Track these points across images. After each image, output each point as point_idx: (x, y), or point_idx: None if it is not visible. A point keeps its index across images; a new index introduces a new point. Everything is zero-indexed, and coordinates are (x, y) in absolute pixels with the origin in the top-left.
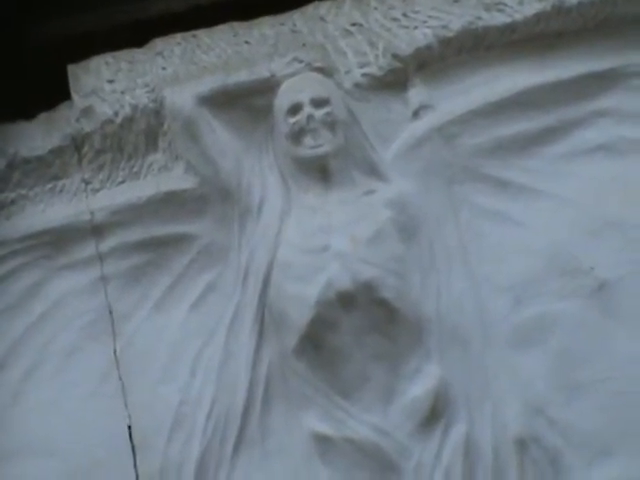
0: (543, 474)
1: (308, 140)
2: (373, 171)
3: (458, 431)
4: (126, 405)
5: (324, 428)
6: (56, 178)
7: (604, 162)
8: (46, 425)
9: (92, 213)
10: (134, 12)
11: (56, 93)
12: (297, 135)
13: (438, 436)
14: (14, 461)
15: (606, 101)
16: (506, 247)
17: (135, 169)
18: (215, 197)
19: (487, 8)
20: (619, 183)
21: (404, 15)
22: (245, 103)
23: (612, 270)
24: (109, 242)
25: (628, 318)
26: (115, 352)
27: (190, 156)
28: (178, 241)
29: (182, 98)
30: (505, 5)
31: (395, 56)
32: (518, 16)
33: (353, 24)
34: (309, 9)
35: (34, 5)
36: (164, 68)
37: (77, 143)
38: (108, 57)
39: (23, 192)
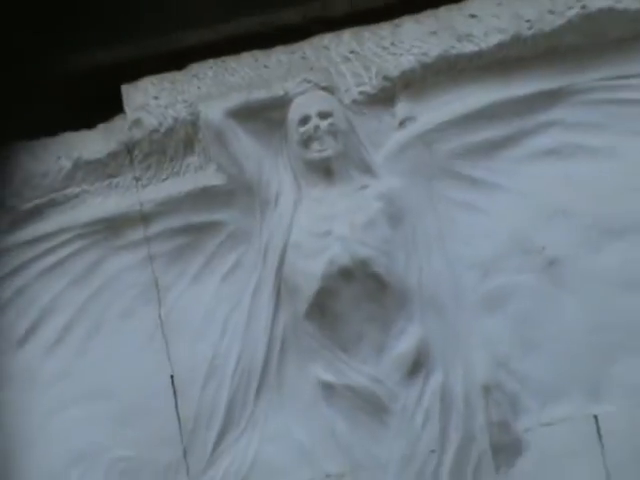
0: (504, 414)
1: (315, 146)
2: (367, 170)
3: (436, 380)
4: (169, 359)
5: (328, 377)
6: (112, 176)
7: (553, 163)
8: (105, 375)
9: (141, 204)
10: (175, 43)
11: (112, 108)
12: (306, 141)
13: (419, 384)
14: (81, 404)
15: (554, 114)
16: (474, 231)
17: (176, 169)
18: (240, 191)
19: (459, 39)
20: (565, 179)
21: (392, 44)
22: (264, 116)
23: (560, 249)
24: (155, 228)
25: (573, 288)
26: (160, 316)
27: (220, 159)
28: (210, 227)
29: (213, 112)
30: (473, 36)
31: (385, 78)
32: (484, 45)
33: (351, 52)
34: (315, 40)
35: (95, 38)
36: (199, 87)
37: (129, 148)
38: (154, 79)
39: (85, 187)
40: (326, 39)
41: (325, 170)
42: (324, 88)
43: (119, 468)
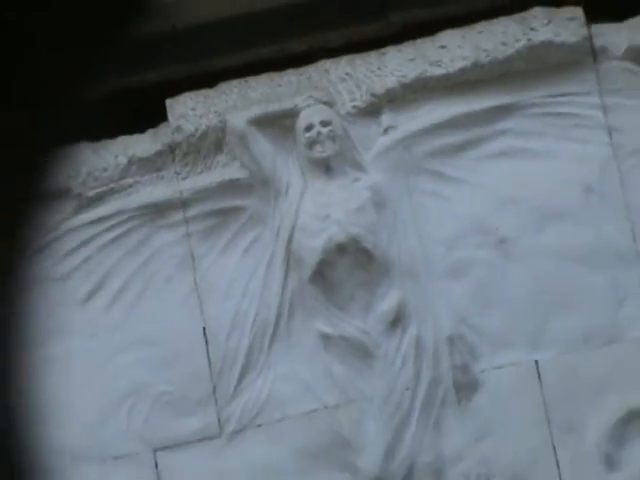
0: (465, 359)
1: (318, 147)
2: (358, 167)
3: (411, 332)
4: (201, 314)
5: (327, 329)
6: (158, 170)
7: (504, 162)
8: (150, 327)
9: (181, 193)
10: (208, 67)
11: (159, 117)
12: (311, 144)
13: (398, 335)
14: (130, 350)
15: (505, 124)
16: (441, 215)
17: (208, 165)
18: (258, 183)
19: (431, 64)
20: (513, 175)
21: (378, 68)
22: (278, 124)
23: (509, 230)
24: (191, 211)
25: (520, 261)
26: (195, 281)
27: (243, 157)
28: (235, 211)
29: (238, 121)
30: (442, 62)
31: (372, 95)
32: (450, 69)
33: (346, 74)
34: (318, 65)
35: (146, 62)
36: (226, 101)
37: (172, 148)
38: (191, 94)
39: (137, 179)
40: (327, 64)
41: (325, 167)
42: (325, 102)
43: (161, 400)
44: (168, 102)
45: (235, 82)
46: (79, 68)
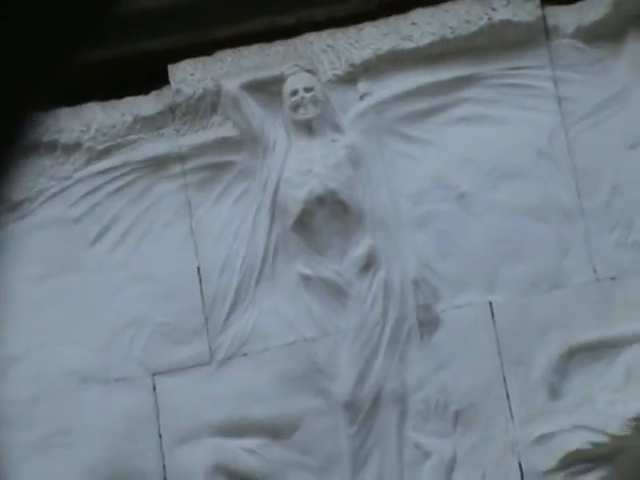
0: (428, 299)
1: (301, 110)
2: (337, 129)
3: (380, 275)
4: (196, 256)
5: (307, 271)
6: (160, 128)
7: (465, 126)
8: (151, 266)
9: (180, 148)
10: (206, 37)
11: (162, 81)
12: (295, 107)
13: (369, 277)
14: (134, 285)
15: (467, 93)
16: (410, 173)
17: (204, 124)
18: (248, 141)
19: (403, 39)
20: (473, 138)
21: (356, 42)
22: (267, 89)
23: (469, 186)
24: (189, 165)
25: (477, 214)
26: (191, 226)
27: (235, 118)
28: (227, 165)
29: (232, 85)
30: (412, 37)
31: (351, 65)
32: (420, 43)
33: (328, 46)
34: (304, 37)
35: (151, 32)
36: (222, 68)
37: (172, 109)
38: (191, 61)
39: (141, 136)
40: (311, 37)
41: (308, 128)
42: (308, 71)
43: (159, 330)
44: (170, 68)
45: (229, 51)
46: (84, 35)
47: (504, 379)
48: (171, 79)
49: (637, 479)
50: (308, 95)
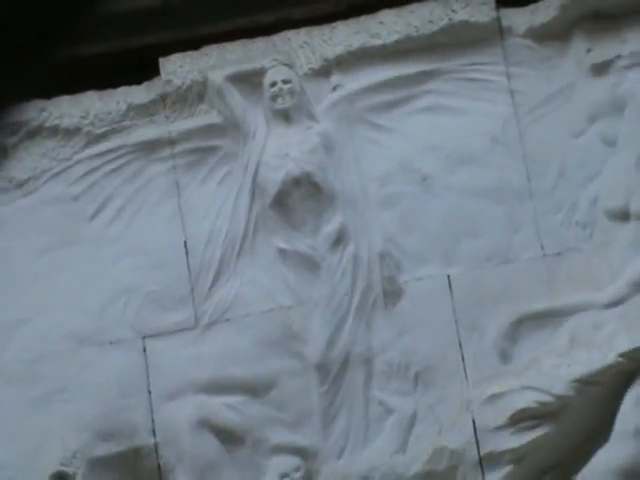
0: (392, 271)
1: (279, 100)
2: (312, 117)
3: (350, 249)
4: (183, 231)
5: (284, 245)
6: (151, 115)
7: (428, 116)
8: (142, 240)
9: (169, 133)
10: (194, 33)
11: (153, 72)
12: (274, 98)
13: (340, 251)
14: (127, 257)
15: (429, 86)
16: (377, 157)
17: (192, 111)
18: (231, 127)
19: (371, 36)
20: (435, 127)
21: (330, 39)
22: (249, 81)
23: (430, 170)
24: (177, 149)
25: (437, 195)
26: (179, 204)
27: (219, 106)
28: (212, 150)
29: (216, 77)
30: (380, 35)
31: (325, 59)
32: (387, 41)
33: (304, 42)
34: (282, 34)
35: (142, 28)
36: (208, 62)
37: (163, 98)
38: (179, 55)
39: (135, 122)
40: (289, 34)
41: (285, 116)
42: (286, 65)
43: (149, 298)
44: (161, 61)
45: (215, 46)
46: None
47: (460, 344)
48: (162, 71)
49: (578, 435)
50: (286, 87)
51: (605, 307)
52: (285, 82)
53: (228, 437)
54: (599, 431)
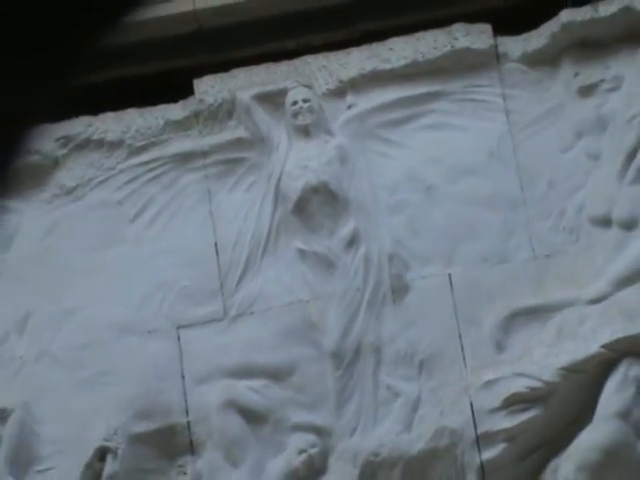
0: (400, 270)
1: (300, 117)
2: (329, 132)
3: (362, 250)
4: (214, 233)
5: (303, 246)
6: (186, 130)
7: (432, 133)
8: (177, 241)
9: (202, 146)
10: (224, 58)
11: (188, 92)
12: (295, 115)
13: (353, 252)
14: (163, 256)
15: (434, 105)
16: (387, 169)
17: (222, 127)
18: (257, 141)
19: (382, 61)
20: (439, 142)
21: (345, 63)
22: (273, 100)
23: (434, 181)
24: (209, 160)
25: (440, 203)
26: (210, 210)
27: (246, 123)
28: (240, 161)
29: (244, 96)
30: (390, 60)
31: (340, 81)
32: (396, 65)
33: (323, 66)
34: (304, 58)
35: (179, 52)
36: (236, 83)
37: (196, 115)
38: (212, 77)
39: (171, 135)
40: (309, 58)
41: (305, 132)
42: (306, 85)
43: (183, 292)
44: (195, 81)
45: (243, 69)
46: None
47: (459, 335)
48: (195, 91)
49: (564, 417)
50: (306, 105)
51: (589, 303)
52: (305, 101)
53: (252, 417)
54: (583, 414)
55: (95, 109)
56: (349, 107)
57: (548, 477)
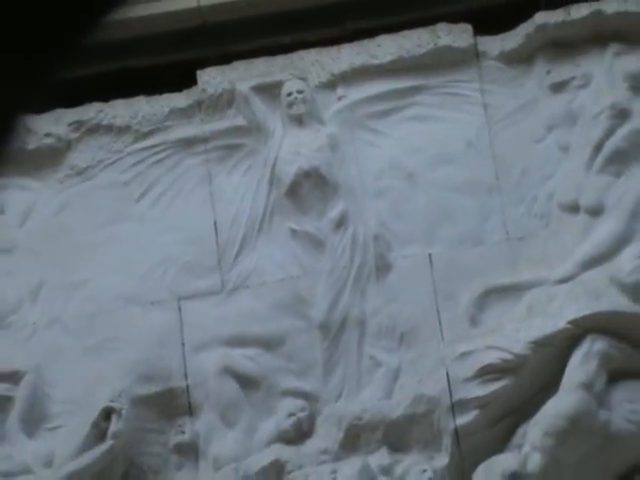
0: (383, 250)
1: (294, 107)
2: (320, 122)
3: (349, 231)
4: (213, 212)
5: (295, 226)
6: (189, 117)
7: (415, 124)
8: (179, 219)
9: (203, 132)
10: (225, 51)
11: (192, 82)
12: (289, 105)
13: (341, 232)
14: (167, 234)
15: (418, 98)
16: (373, 156)
17: (222, 115)
18: (255, 129)
19: (370, 57)
20: (420, 132)
21: (337, 58)
22: (269, 91)
23: (416, 168)
24: (210, 145)
25: (421, 188)
26: (210, 191)
27: (245, 111)
28: (238, 146)
29: (243, 87)
30: (377, 56)
31: (331, 74)
32: (383, 61)
33: (315, 61)
34: (298, 53)
35: (182, 46)
36: (236, 74)
37: (199, 103)
38: (213, 69)
39: (175, 122)
40: (303, 53)
41: (298, 120)
42: (300, 78)
43: (184, 267)
44: (198, 73)
45: (242, 62)
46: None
47: (437, 311)
48: (198, 81)
49: (533, 387)
50: (300, 96)
51: (557, 283)
52: (299, 92)
53: (246, 382)
54: (550, 384)
55: (106, 96)
56: (339, 98)
57: (517, 441)
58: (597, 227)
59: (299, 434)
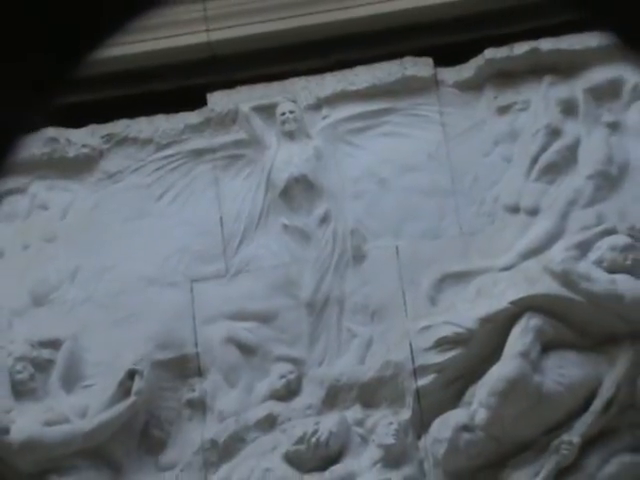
0: (359, 242)
1: (286, 125)
2: (308, 136)
3: (332, 225)
4: (219, 209)
5: (286, 222)
6: (201, 132)
7: (387, 139)
8: (191, 215)
9: (212, 144)
10: (230, 77)
11: (203, 103)
12: (283, 122)
13: (325, 227)
14: (177, 229)
15: (388, 118)
16: (351, 166)
17: (228, 130)
18: (254, 142)
19: (349, 84)
20: (390, 147)
21: (321, 84)
22: (267, 111)
23: (386, 175)
24: (217, 155)
25: (390, 191)
26: (217, 193)
27: (246, 128)
28: (240, 156)
29: (244, 107)
30: (355, 83)
31: (318, 98)
32: (360, 87)
33: (304, 86)
34: (290, 80)
35: (194, 72)
36: (239, 97)
37: (208, 120)
38: (220, 92)
39: (189, 135)
40: (294, 81)
41: (290, 136)
42: (292, 100)
43: (195, 255)
44: (208, 95)
45: (244, 87)
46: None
47: (403, 292)
48: (208, 102)
49: (480, 355)
50: (291, 115)
51: (501, 270)
52: (291, 112)
53: (245, 350)
54: (495, 353)
55: (133, 114)
56: (324, 118)
57: (467, 400)
58: (534, 225)
59: (289, 393)
